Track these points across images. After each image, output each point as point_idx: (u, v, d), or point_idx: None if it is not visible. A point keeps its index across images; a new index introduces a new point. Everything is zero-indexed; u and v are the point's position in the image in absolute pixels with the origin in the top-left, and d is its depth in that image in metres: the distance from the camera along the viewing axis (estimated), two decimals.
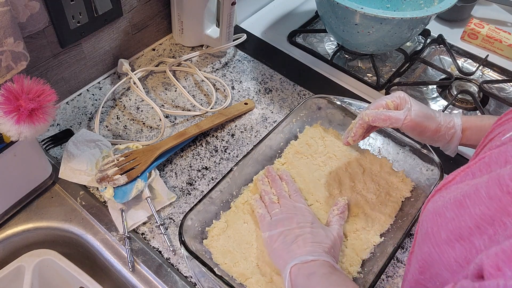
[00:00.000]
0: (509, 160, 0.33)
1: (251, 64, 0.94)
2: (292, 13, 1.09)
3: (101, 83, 0.87)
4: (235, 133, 0.81)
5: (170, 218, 0.68)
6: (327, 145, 0.76)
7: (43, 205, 0.69)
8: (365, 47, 0.91)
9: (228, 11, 0.86)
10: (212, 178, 0.74)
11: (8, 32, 0.57)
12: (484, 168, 0.35)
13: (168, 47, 0.96)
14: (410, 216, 0.66)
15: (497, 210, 0.30)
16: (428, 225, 0.37)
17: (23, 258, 0.66)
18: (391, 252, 0.60)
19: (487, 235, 0.31)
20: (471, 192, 0.33)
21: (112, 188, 0.67)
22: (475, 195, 0.32)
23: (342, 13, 0.83)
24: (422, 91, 0.92)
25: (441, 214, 0.35)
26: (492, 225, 0.30)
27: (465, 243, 0.32)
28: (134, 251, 0.64)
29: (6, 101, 0.53)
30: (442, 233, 0.34)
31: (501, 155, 0.34)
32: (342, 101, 0.78)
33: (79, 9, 0.73)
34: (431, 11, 0.79)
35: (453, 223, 0.33)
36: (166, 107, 0.84)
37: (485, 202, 0.31)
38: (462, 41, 1.04)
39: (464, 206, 0.33)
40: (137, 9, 0.85)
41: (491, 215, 0.31)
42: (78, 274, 0.65)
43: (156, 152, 0.71)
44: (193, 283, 0.62)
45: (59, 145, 0.76)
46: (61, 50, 0.76)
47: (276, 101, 0.87)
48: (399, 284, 0.64)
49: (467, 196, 0.33)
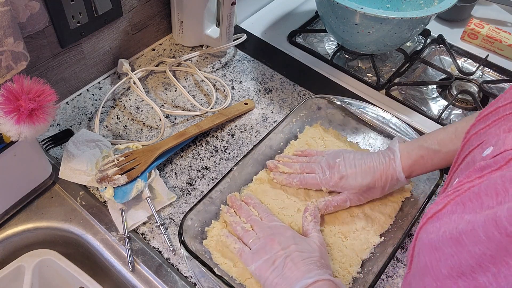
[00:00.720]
0: (500, 194, 0.32)
1: (251, 64, 0.94)
2: (292, 13, 1.09)
3: (101, 83, 0.87)
4: (235, 133, 0.81)
5: (170, 218, 0.68)
6: (327, 145, 0.76)
7: (43, 205, 0.69)
8: (365, 47, 0.91)
9: (228, 11, 0.86)
10: (212, 178, 0.74)
11: (8, 32, 0.57)
12: (475, 199, 0.34)
13: (168, 47, 0.96)
14: (410, 216, 0.66)
15: (498, 251, 0.30)
16: (427, 259, 0.36)
17: (23, 258, 0.66)
18: (391, 252, 0.60)
19: (491, 272, 0.30)
20: (467, 230, 0.32)
21: (112, 188, 0.67)
22: (472, 234, 0.32)
23: (342, 13, 0.83)
24: (422, 91, 0.92)
25: (438, 249, 0.35)
26: (494, 264, 0.30)
27: (468, 280, 0.32)
28: (134, 251, 0.64)
29: (6, 101, 0.53)
30: (443, 269, 0.34)
31: (491, 187, 0.33)
32: (342, 101, 0.78)
33: (79, 9, 0.73)
34: (431, 11, 0.79)
35: (452, 259, 0.33)
36: (166, 107, 0.84)
37: (484, 243, 0.31)
38: (462, 41, 1.04)
39: (461, 243, 0.32)
40: (137, 9, 0.85)
41: (492, 255, 0.30)
42: (78, 274, 0.65)
43: (156, 152, 0.71)
44: (193, 283, 0.62)
45: (59, 145, 0.76)
46: (61, 50, 0.76)
47: (276, 101, 0.87)
48: (399, 284, 0.64)
49: (463, 233, 0.32)
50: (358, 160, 0.65)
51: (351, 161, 0.65)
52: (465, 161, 0.45)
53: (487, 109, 0.46)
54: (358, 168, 0.64)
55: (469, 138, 0.46)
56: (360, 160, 0.65)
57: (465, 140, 0.47)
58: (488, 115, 0.45)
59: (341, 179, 0.65)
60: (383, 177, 0.63)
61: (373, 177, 0.63)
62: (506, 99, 0.44)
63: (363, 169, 0.64)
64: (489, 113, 0.45)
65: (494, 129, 0.42)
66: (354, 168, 0.64)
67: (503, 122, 0.42)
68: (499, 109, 0.44)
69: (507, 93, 0.44)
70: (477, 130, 0.45)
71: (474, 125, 0.46)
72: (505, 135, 0.38)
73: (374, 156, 0.65)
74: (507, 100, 0.43)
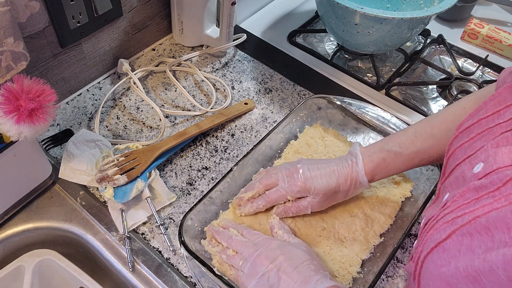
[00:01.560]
0: (511, 228, 0.32)
1: (251, 64, 0.94)
2: (292, 13, 1.09)
3: (101, 83, 0.87)
4: (235, 133, 0.81)
5: (170, 218, 0.68)
6: (327, 145, 0.76)
7: (43, 205, 0.69)
8: (365, 47, 0.91)
9: (228, 11, 0.86)
10: (212, 178, 0.74)
11: (8, 32, 0.57)
12: (484, 231, 0.34)
13: (168, 47, 0.96)
14: (410, 216, 0.66)
15: None
16: None
17: (23, 258, 0.66)
18: (391, 252, 0.60)
19: None
20: (486, 270, 0.31)
21: (112, 188, 0.67)
22: (492, 275, 0.31)
23: (342, 13, 0.83)
24: (422, 91, 0.92)
25: (453, 285, 0.34)
26: None
27: None
28: (134, 251, 0.64)
29: (6, 101, 0.53)
30: None
31: (501, 220, 0.33)
32: (342, 101, 0.78)
33: (79, 9, 0.73)
34: (431, 11, 0.79)
35: None
36: (166, 107, 0.84)
37: (505, 284, 0.30)
38: (462, 41, 1.04)
39: (480, 283, 0.32)
40: (137, 9, 0.85)
41: None
42: (78, 274, 0.65)
43: (156, 152, 0.71)
44: (193, 283, 0.62)
45: (59, 145, 0.76)
46: (61, 50, 0.76)
47: (276, 101, 0.87)
48: (399, 284, 0.64)
49: (482, 273, 0.32)
50: (321, 164, 0.62)
51: (313, 165, 0.62)
52: (453, 175, 0.44)
53: (468, 120, 0.46)
54: (322, 171, 0.61)
55: (454, 151, 0.46)
56: (323, 164, 0.62)
57: (449, 153, 0.47)
58: (471, 127, 0.45)
59: (305, 182, 0.61)
60: (347, 180, 0.61)
61: (338, 180, 0.61)
62: (487, 110, 0.43)
63: (327, 172, 0.61)
64: (471, 125, 0.44)
65: (480, 142, 0.42)
66: (318, 171, 0.61)
67: (488, 136, 0.41)
68: (481, 121, 0.43)
69: (488, 104, 0.44)
70: (461, 143, 0.45)
71: (457, 138, 0.46)
72: (494, 151, 0.38)
73: (336, 160, 0.63)
74: (488, 111, 0.43)
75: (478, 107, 0.46)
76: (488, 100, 0.45)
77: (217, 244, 0.60)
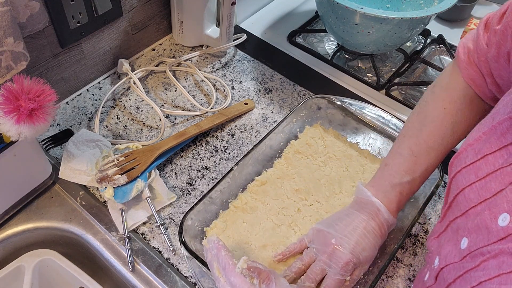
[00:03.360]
0: None
1: (251, 64, 0.94)
2: (292, 13, 1.09)
3: (101, 83, 0.87)
4: (235, 133, 0.81)
5: (170, 218, 0.68)
6: (327, 145, 0.76)
7: (43, 205, 0.69)
8: (365, 47, 0.91)
9: (228, 11, 0.86)
10: (212, 178, 0.74)
11: (8, 32, 0.57)
12: None
13: (168, 47, 0.96)
14: (410, 216, 0.66)
15: None
16: None
17: (23, 258, 0.66)
18: (391, 252, 0.60)
19: None
20: None
21: (112, 188, 0.67)
22: None
23: (342, 13, 0.83)
24: (422, 91, 0.92)
25: None
26: None
27: None
28: (134, 251, 0.64)
29: (6, 101, 0.53)
30: None
31: None
32: (342, 101, 0.78)
33: (79, 9, 0.73)
34: (431, 11, 0.79)
35: None
36: (166, 107, 0.84)
37: None
38: None
39: None
40: (137, 9, 0.85)
41: None
42: (78, 274, 0.65)
43: (156, 152, 0.71)
44: (193, 283, 0.62)
45: (59, 145, 0.76)
46: (61, 50, 0.76)
47: (276, 101, 0.87)
48: (399, 284, 0.64)
49: None
50: (350, 231, 0.57)
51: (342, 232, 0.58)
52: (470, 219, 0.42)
53: (469, 154, 0.44)
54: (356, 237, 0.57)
55: (462, 190, 0.44)
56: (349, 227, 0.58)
57: (452, 174, 0.46)
58: (476, 163, 0.43)
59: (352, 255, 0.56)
60: (382, 234, 0.59)
61: (375, 237, 0.58)
62: (491, 144, 0.42)
63: (361, 234, 0.57)
64: (477, 161, 0.43)
65: (495, 184, 0.40)
66: (353, 238, 0.57)
67: (503, 177, 0.40)
68: (488, 157, 0.42)
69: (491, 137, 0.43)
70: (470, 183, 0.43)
71: (460, 173, 0.45)
72: None
73: (357, 217, 0.59)
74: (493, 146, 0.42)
75: (477, 137, 0.44)
76: (488, 131, 0.43)
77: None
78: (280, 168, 0.72)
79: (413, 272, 0.65)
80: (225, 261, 0.49)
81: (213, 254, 0.51)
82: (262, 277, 0.48)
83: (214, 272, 0.50)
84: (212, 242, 0.51)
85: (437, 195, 0.75)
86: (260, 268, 0.48)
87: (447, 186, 0.48)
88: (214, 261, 0.50)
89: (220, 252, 0.49)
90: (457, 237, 0.43)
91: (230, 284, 0.48)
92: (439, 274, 0.45)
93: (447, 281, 0.42)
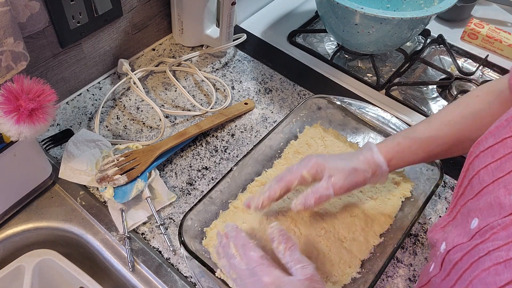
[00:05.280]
0: None
1: (251, 64, 0.94)
2: (292, 13, 1.09)
3: (101, 83, 0.87)
4: (235, 133, 0.81)
5: (170, 218, 0.68)
6: (327, 145, 0.76)
7: (43, 205, 0.69)
8: (365, 47, 0.91)
9: (228, 11, 0.86)
10: (212, 178, 0.74)
11: (8, 32, 0.57)
12: None
13: (168, 47, 0.96)
14: (410, 216, 0.66)
15: None
16: None
17: (23, 258, 0.66)
18: (391, 252, 0.60)
19: None
20: None
21: (112, 188, 0.67)
22: None
23: (342, 13, 0.83)
24: (422, 91, 0.92)
25: None
26: None
27: None
28: (134, 251, 0.64)
29: (6, 101, 0.53)
30: None
31: None
32: (342, 101, 0.78)
33: (79, 9, 0.73)
34: (431, 11, 0.79)
35: None
36: (166, 107, 0.84)
37: None
38: (462, 41, 1.04)
39: None
40: (137, 9, 0.85)
41: None
42: (78, 274, 0.65)
43: (156, 152, 0.71)
44: (193, 283, 0.62)
45: (59, 145, 0.76)
46: (61, 50, 0.76)
47: (276, 101, 0.87)
48: (399, 284, 0.64)
49: None
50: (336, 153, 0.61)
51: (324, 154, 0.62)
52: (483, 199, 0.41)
53: (489, 139, 0.44)
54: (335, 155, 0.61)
55: (477, 172, 0.43)
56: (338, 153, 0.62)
57: (470, 160, 0.46)
58: (494, 146, 0.43)
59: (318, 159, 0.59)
60: (363, 161, 0.59)
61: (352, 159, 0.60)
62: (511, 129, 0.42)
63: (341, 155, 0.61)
64: (495, 145, 0.43)
65: (510, 164, 0.40)
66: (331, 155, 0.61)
67: None
68: (507, 140, 0.42)
69: (511, 123, 0.42)
70: (486, 164, 0.43)
71: (478, 157, 0.45)
72: None
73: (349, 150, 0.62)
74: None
75: (499, 125, 0.44)
76: (510, 118, 0.43)
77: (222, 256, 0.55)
78: (280, 169, 0.72)
79: (413, 272, 0.65)
80: (245, 240, 0.53)
81: (231, 235, 0.54)
82: (288, 245, 0.51)
83: (229, 252, 0.53)
84: (231, 226, 0.56)
85: (437, 195, 0.75)
86: (288, 235, 0.52)
87: (462, 173, 0.47)
88: (231, 241, 0.54)
89: (241, 233, 0.54)
90: (468, 219, 0.43)
91: (247, 258, 0.51)
92: (445, 258, 0.44)
93: (453, 261, 0.41)
